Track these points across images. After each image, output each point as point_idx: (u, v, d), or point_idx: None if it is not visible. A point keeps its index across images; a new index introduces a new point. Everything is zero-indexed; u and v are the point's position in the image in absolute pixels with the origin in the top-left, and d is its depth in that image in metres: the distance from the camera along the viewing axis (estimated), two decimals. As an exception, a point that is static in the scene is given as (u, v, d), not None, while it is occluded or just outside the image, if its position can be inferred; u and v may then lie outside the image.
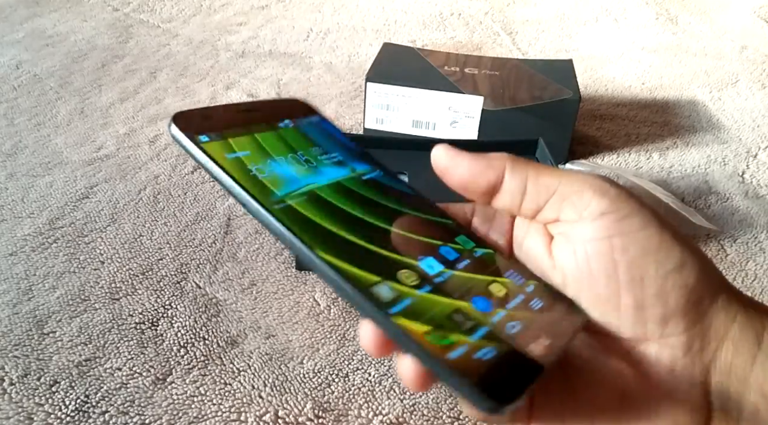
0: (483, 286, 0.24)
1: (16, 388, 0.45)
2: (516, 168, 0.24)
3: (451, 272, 0.24)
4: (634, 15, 1.16)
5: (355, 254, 0.23)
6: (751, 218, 0.65)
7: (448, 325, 0.21)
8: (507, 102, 0.68)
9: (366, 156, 0.29)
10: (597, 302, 0.23)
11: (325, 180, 0.26)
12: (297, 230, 0.23)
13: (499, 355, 0.21)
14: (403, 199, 0.27)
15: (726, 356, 0.22)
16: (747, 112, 0.85)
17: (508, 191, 0.24)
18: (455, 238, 0.26)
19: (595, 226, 0.22)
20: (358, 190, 0.27)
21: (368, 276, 0.22)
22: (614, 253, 0.22)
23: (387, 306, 0.21)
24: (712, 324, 0.22)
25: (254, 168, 0.25)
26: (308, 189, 0.26)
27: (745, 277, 0.57)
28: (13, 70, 0.89)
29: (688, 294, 0.22)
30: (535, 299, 0.24)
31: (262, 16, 1.12)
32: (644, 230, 0.22)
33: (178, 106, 0.82)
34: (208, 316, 0.51)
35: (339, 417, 0.44)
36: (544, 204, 0.24)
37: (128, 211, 0.63)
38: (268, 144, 0.27)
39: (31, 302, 0.52)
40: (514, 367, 0.21)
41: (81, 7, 1.11)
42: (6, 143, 0.73)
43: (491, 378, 0.20)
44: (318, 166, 0.27)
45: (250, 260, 0.57)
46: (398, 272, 0.23)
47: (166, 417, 0.43)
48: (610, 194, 0.22)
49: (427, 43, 1.05)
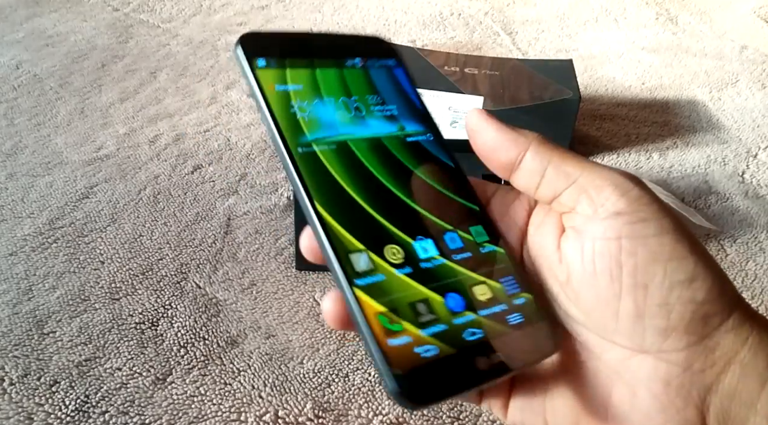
0: (467, 284, 0.23)
1: (16, 388, 0.45)
2: (540, 150, 0.23)
3: (442, 260, 0.23)
4: (634, 15, 1.16)
5: (353, 217, 0.22)
6: (751, 218, 0.65)
7: (405, 312, 0.21)
8: (507, 102, 0.68)
9: (425, 116, 0.27)
10: (596, 305, 0.22)
11: (364, 133, 0.25)
12: (307, 177, 0.22)
13: (438, 356, 0.20)
14: (439, 170, 0.25)
15: (731, 379, 0.21)
16: (747, 112, 0.85)
17: (527, 170, 0.23)
18: (470, 226, 0.24)
19: (607, 224, 0.21)
20: (394, 150, 0.25)
21: (353, 242, 0.22)
22: (621, 255, 0.21)
23: (355, 276, 0.21)
24: (719, 345, 0.21)
25: (297, 105, 0.24)
26: (342, 139, 0.24)
27: (745, 277, 0.57)
28: (13, 70, 0.89)
29: (695, 310, 0.21)
30: (517, 314, 0.22)
31: (262, 16, 1.12)
32: (658, 236, 0.21)
33: (178, 106, 0.82)
34: (208, 316, 0.51)
35: (339, 417, 0.44)
36: (561, 192, 0.23)
37: (128, 211, 0.63)
38: (325, 82, 0.25)
39: (31, 302, 0.52)
40: (448, 373, 0.20)
41: (81, 7, 1.11)
42: (6, 143, 0.73)
43: (418, 376, 0.20)
44: (366, 116, 0.25)
45: (250, 260, 0.57)
46: (387, 247, 0.22)
47: (166, 417, 0.43)
48: (631, 195, 0.22)
49: (427, 43, 1.05)
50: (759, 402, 0.20)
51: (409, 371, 0.19)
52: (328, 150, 0.24)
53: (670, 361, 0.21)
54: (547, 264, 0.24)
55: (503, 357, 0.21)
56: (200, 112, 0.81)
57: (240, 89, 0.87)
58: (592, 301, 0.22)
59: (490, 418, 0.45)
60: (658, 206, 0.22)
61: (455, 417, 0.44)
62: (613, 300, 0.21)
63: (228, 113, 0.81)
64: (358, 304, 0.20)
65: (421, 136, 0.26)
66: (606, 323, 0.22)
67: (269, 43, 0.25)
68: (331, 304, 0.21)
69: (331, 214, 0.22)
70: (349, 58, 0.27)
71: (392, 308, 0.21)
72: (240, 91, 0.86)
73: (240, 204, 0.64)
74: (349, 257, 0.21)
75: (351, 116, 0.25)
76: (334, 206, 0.22)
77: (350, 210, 0.22)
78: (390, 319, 0.20)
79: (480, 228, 0.24)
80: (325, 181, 0.23)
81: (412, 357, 0.20)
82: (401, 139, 0.26)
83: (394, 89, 0.27)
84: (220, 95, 0.85)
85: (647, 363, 0.21)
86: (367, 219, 0.23)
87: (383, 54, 0.28)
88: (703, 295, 0.21)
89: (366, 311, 0.20)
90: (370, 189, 0.23)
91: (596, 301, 0.22)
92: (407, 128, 0.26)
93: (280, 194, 0.66)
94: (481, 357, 0.21)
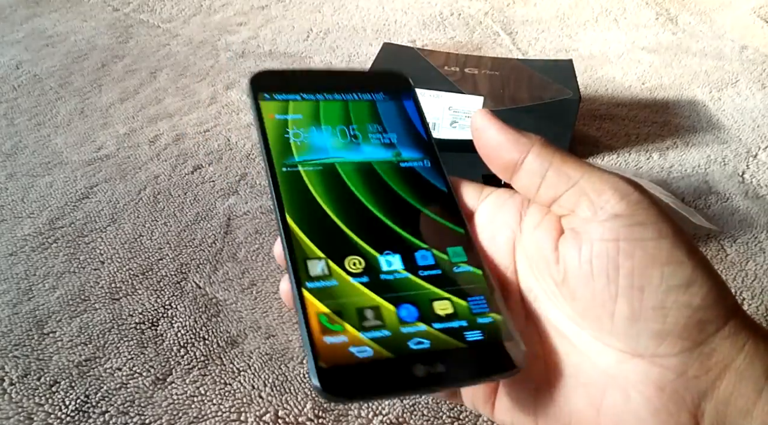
0: (427, 298, 0.23)
1: (16, 388, 0.45)
2: (542, 152, 0.24)
3: (405, 275, 0.24)
4: (634, 15, 1.16)
5: (320, 229, 0.24)
6: (751, 218, 0.65)
7: (350, 315, 0.22)
8: (507, 102, 0.68)
9: (426, 145, 0.28)
10: (592, 306, 0.22)
11: (355, 157, 0.26)
12: (284, 191, 0.24)
13: (372, 358, 0.21)
14: (427, 193, 0.26)
15: (727, 386, 0.21)
16: (747, 112, 0.85)
17: (528, 171, 0.24)
18: (449, 247, 0.25)
19: (606, 226, 0.22)
20: (382, 173, 0.26)
21: (313, 250, 0.23)
22: (619, 257, 0.21)
23: (307, 279, 0.22)
24: (714, 351, 0.21)
25: (292, 131, 0.26)
26: (329, 161, 0.26)
27: (745, 277, 0.57)
28: (13, 70, 0.89)
29: (690, 315, 0.21)
30: (477, 332, 0.23)
31: (262, 16, 1.12)
32: (656, 240, 0.21)
33: (178, 106, 0.82)
34: (208, 316, 0.51)
35: (339, 417, 0.44)
36: (561, 194, 0.23)
37: (128, 211, 0.63)
38: (326, 112, 0.27)
39: (31, 302, 0.52)
40: (379, 375, 0.21)
41: (81, 7, 1.11)
42: (6, 143, 0.73)
43: (344, 373, 0.20)
44: (361, 143, 0.27)
45: (250, 260, 0.57)
46: (348, 257, 0.23)
47: (166, 417, 0.43)
48: (630, 199, 0.22)
49: (427, 43, 1.05)
50: (755, 409, 0.20)
51: (335, 366, 0.20)
52: (313, 170, 0.26)
53: (664, 366, 0.21)
54: (544, 264, 0.24)
55: (446, 370, 0.21)
56: (200, 112, 0.81)
57: (240, 89, 0.87)
58: (588, 302, 0.22)
59: (490, 418, 0.45)
60: (656, 210, 0.22)
61: (455, 417, 0.44)
62: (609, 302, 0.21)
63: (228, 113, 0.81)
64: (302, 303, 0.22)
65: (416, 162, 0.27)
66: (601, 324, 0.22)
67: (279, 80, 0.28)
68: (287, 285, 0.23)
69: (299, 224, 0.24)
70: (358, 92, 0.29)
71: (336, 310, 0.22)
72: (240, 91, 0.86)
73: (240, 204, 0.64)
74: (306, 262, 0.23)
75: (345, 142, 0.27)
76: (304, 217, 0.24)
77: (319, 223, 0.24)
78: (331, 319, 0.22)
79: (459, 249, 0.25)
80: (301, 196, 0.25)
81: (344, 354, 0.21)
82: (393, 164, 0.27)
83: (398, 119, 0.28)
84: (220, 95, 0.85)
85: (641, 367, 0.21)
86: (334, 232, 0.24)
87: (397, 87, 0.29)
88: (699, 301, 0.21)
89: (308, 310, 0.22)
90: (346, 206, 0.25)
91: (592, 302, 0.22)
92: (404, 154, 0.27)
93: (280, 194, 0.66)
94: (420, 365, 0.21)
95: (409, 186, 0.26)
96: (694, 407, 0.21)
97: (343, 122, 0.27)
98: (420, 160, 0.27)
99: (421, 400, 0.45)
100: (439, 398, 0.45)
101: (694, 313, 0.21)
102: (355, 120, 0.28)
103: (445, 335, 0.22)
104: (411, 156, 0.27)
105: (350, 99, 0.28)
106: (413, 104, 0.29)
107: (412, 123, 0.28)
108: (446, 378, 0.21)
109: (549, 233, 0.24)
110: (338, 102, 0.28)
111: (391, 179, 0.26)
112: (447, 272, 0.24)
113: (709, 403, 0.21)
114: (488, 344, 0.22)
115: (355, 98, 0.28)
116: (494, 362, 0.22)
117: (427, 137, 0.28)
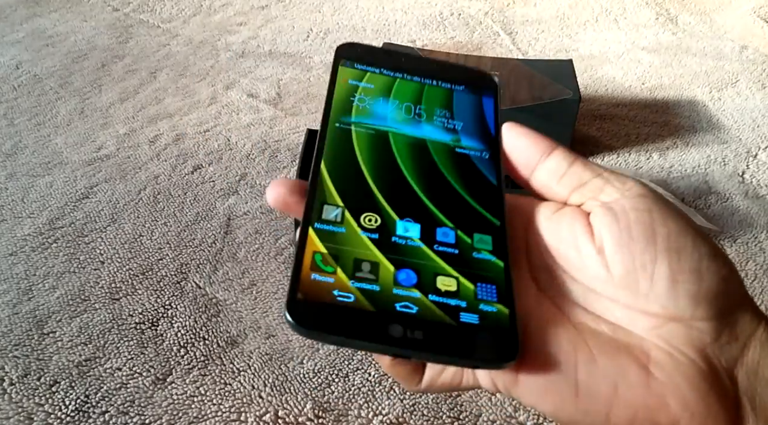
0: (432, 271, 0.23)
1: (16, 388, 0.45)
2: (565, 153, 0.25)
3: (419, 244, 0.23)
4: (634, 15, 1.16)
5: (349, 183, 0.24)
6: (751, 218, 0.65)
7: (345, 262, 0.22)
8: (507, 102, 0.68)
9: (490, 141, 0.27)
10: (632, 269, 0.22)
11: (411, 132, 0.26)
12: (328, 144, 0.24)
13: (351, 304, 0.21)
14: (474, 181, 0.25)
15: (753, 355, 0.22)
16: (747, 112, 0.85)
17: (549, 170, 0.25)
18: (476, 233, 0.24)
19: (637, 200, 0.23)
20: (433, 152, 0.26)
21: (334, 197, 0.23)
22: (654, 224, 0.22)
23: (317, 221, 0.23)
24: (738, 321, 0.22)
25: (358, 96, 0.26)
26: (383, 128, 0.26)
27: (745, 277, 0.57)
28: (13, 70, 0.89)
29: (719, 282, 0.22)
30: (473, 315, 0.22)
31: (262, 16, 1.12)
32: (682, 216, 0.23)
33: (178, 106, 0.82)
34: (208, 316, 0.51)
35: (339, 417, 0.44)
36: (587, 181, 0.24)
37: (128, 211, 0.63)
38: (399, 89, 0.27)
39: (31, 302, 0.52)
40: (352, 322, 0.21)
41: (81, 7, 1.11)
42: (6, 143, 0.73)
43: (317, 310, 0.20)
44: (422, 122, 0.26)
45: (250, 260, 0.57)
46: (366, 213, 0.23)
47: (166, 417, 0.43)
48: (651, 187, 0.24)
49: (427, 43, 1.05)
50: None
51: (311, 301, 0.20)
52: (364, 132, 0.25)
53: (701, 330, 0.22)
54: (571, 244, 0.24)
55: (423, 339, 0.21)
56: (200, 112, 0.81)
57: (240, 89, 0.87)
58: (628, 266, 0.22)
59: (490, 418, 0.45)
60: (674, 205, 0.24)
61: (455, 417, 0.44)
62: (650, 264, 0.22)
63: (228, 113, 0.81)
64: (303, 240, 0.22)
65: (473, 152, 0.26)
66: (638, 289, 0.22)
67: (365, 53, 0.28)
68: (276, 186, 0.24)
69: (330, 173, 0.24)
70: (439, 80, 0.28)
71: (334, 254, 0.22)
72: (240, 91, 0.86)
73: (240, 204, 0.64)
74: (323, 205, 0.23)
75: (408, 117, 0.26)
76: (337, 168, 0.24)
77: (350, 177, 0.24)
78: (325, 260, 0.22)
79: (488, 238, 0.24)
80: (343, 150, 0.25)
81: (325, 294, 0.21)
82: (449, 146, 0.26)
83: (470, 111, 0.28)
84: (220, 95, 0.85)
85: (680, 330, 0.22)
86: (361, 188, 0.24)
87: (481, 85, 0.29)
88: (726, 271, 0.22)
89: (306, 247, 0.22)
90: (383, 170, 0.25)
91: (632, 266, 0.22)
92: (463, 141, 0.26)
93: (280, 194, 0.66)
94: (398, 326, 0.21)
95: (457, 169, 0.26)
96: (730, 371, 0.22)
97: (412, 100, 0.27)
98: (478, 150, 0.26)
99: (421, 400, 0.45)
100: (446, 392, 0.45)
101: (723, 281, 0.22)
102: (425, 101, 0.27)
103: (438, 308, 0.22)
104: (470, 145, 0.26)
105: (428, 83, 0.28)
106: (492, 104, 0.28)
107: (484, 118, 0.27)
108: (421, 346, 0.21)
109: (574, 214, 0.24)
110: (415, 83, 0.28)
111: (441, 159, 0.26)
112: (464, 254, 0.23)
113: (741, 370, 0.22)
114: (480, 330, 0.22)
115: (433, 84, 0.28)
116: (479, 349, 0.21)
117: (495, 134, 0.27)
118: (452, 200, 0.25)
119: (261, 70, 0.93)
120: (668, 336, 0.22)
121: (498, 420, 0.45)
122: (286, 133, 0.77)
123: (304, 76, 0.92)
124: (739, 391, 0.22)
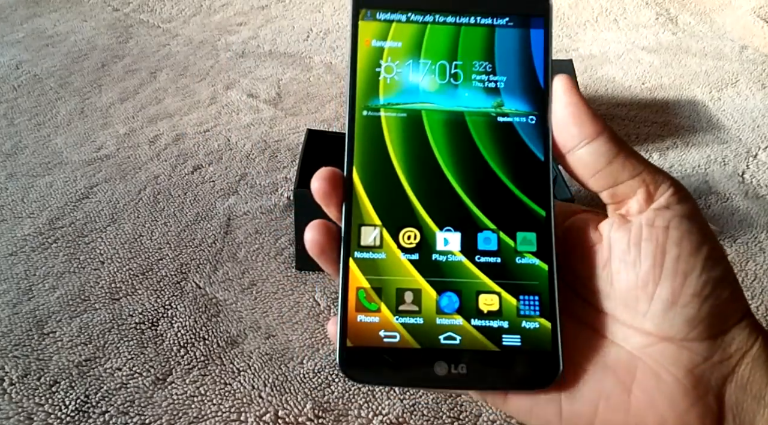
0: (474, 290, 0.22)
1: (16, 388, 0.45)
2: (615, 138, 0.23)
3: (459, 258, 0.22)
4: (634, 15, 1.16)
5: (385, 191, 0.22)
6: (751, 218, 0.65)
7: (389, 295, 0.21)
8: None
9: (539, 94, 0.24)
10: (632, 287, 0.22)
11: (446, 105, 0.23)
12: (359, 143, 0.23)
13: (397, 345, 0.21)
14: (518, 161, 0.23)
15: (744, 372, 0.22)
16: (747, 112, 0.85)
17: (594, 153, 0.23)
18: (520, 231, 0.23)
19: (659, 214, 0.23)
20: (472, 129, 0.23)
21: (371, 215, 0.22)
22: (667, 243, 0.22)
23: (357, 249, 0.22)
24: (734, 340, 0.22)
25: (385, 64, 0.23)
26: (416, 107, 0.23)
27: (745, 277, 0.57)
28: (13, 70, 0.89)
29: (719, 306, 0.22)
30: (516, 336, 0.22)
31: (262, 16, 1.12)
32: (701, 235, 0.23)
33: (178, 106, 0.82)
34: (208, 316, 0.51)
35: (339, 417, 0.44)
36: (621, 182, 0.23)
37: (128, 211, 0.63)
38: (431, 40, 0.24)
39: (31, 302, 0.52)
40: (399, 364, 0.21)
41: (81, 7, 1.11)
42: (6, 143, 0.73)
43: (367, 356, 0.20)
44: (459, 86, 0.24)
45: (250, 260, 0.57)
46: (405, 229, 0.22)
47: (166, 417, 0.43)
48: (684, 194, 0.23)
49: (427, 43, 1.04)
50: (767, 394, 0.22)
51: (361, 348, 0.20)
52: (395, 117, 0.23)
53: (693, 350, 0.22)
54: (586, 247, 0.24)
55: (467, 373, 0.21)
56: (200, 112, 0.81)
57: (240, 89, 0.87)
58: (630, 284, 0.23)
59: (490, 418, 0.45)
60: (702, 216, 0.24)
61: (455, 417, 0.44)
62: (652, 284, 0.22)
63: (228, 113, 0.81)
64: (346, 274, 0.21)
65: (519, 117, 0.23)
66: (636, 307, 0.23)
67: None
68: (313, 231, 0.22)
69: (365, 183, 0.22)
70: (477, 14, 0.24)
71: (377, 287, 0.21)
72: (240, 91, 0.86)
73: (240, 204, 0.64)
74: (360, 228, 0.22)
75: (441, 83, 0.24)
76: (371, 175, 0.22)
77: (385, 183, 0.22)
78: (368, 297, 0.21)
79: (532, 236, 0.23)
80: (374, 150, 0.23)
81: (373, 337, 0.21)
82: (490, 117, 0.23)
83: (516, 56, 0.24)
84: (220, 95, 0.85)
85: (671, 350, 0.22)
86: (399, 196, 0.22)
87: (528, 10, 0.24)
88: (727, 294, 0.22)
89: (350, 282, 0.21)
90: (419, 167, 0.23)
91: (634, 284, 0.22)
92: (507, 105, 0.23)
93: (280, 194, 0.66)
94: (443, 363, 0.21)
95: (499, 148, 0.23)
96: (718, 389, 0.22)
97: (446, 56, 0.24)
98: (524, 115, 0.23)
99: (420, 400, 0.45)
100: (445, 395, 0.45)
101: (723, 304, 0.22)
102: (461, 54, 0.24)
103: (481, 334, 0.21)
104: (515, 109, 0.23)
105: (465, 22, 0.24)
106: (542, 36, 0.24)
107: (531, 62, 0.24)
108: (465, 381, 0.21)
109: (586, 224, 0.24)
110: (449, 26, 0.24)
111: (482, 137, 0.23)
112: (507, 261, 0.22)
113: (729, 387, 0.22)
114: (523, 353, 0.21)
115: (471, 22, 0.24)
116: (522, 374, 0.21)
117: (544, 84, 0.24)
118: (494, 191, 0.23)
119: (261, 70, 0.93)
120: (658, 355, 0.22)
121: (498, 421, 0.45)
122: (286, 133, 0.77)
123: (304, 76, 0.92)
124: (725, 408, 0.22)
